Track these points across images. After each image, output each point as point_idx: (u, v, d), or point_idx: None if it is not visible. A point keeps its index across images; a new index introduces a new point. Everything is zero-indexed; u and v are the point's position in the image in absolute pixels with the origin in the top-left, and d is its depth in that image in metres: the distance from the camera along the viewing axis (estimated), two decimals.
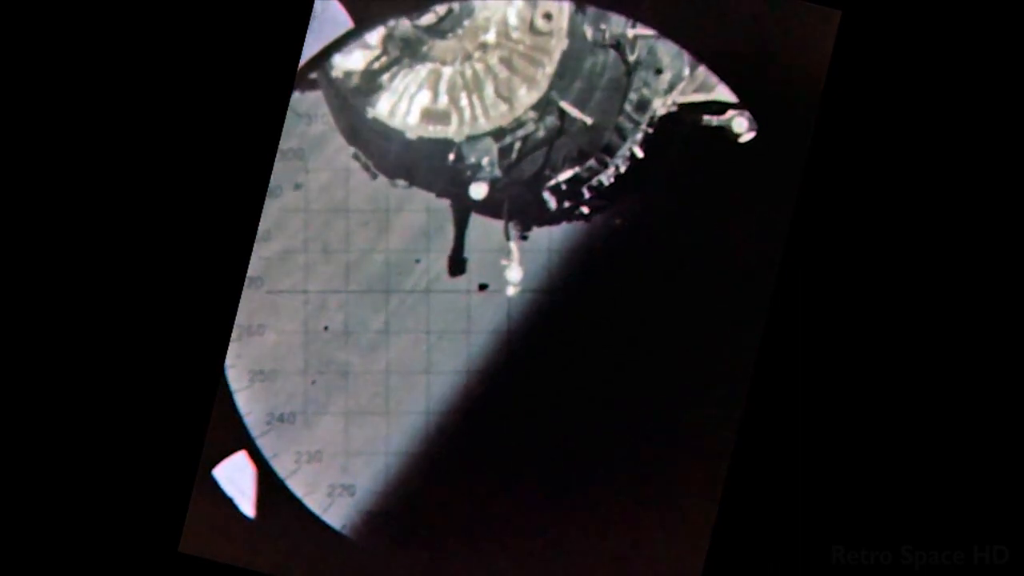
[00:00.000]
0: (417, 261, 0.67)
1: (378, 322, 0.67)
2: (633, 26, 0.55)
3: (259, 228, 0.67)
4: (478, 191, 0.56)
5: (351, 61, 0.54)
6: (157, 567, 0.67)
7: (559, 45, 0.53)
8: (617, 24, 0.55)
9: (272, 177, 0.67)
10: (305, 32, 0.67)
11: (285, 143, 0.67)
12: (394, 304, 0.67)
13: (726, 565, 0.66)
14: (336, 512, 0.67)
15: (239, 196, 0.67)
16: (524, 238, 0.65)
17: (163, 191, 0.67)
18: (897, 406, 0.66)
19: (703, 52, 0.66)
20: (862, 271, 0.66)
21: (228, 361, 0.67)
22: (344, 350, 0.67)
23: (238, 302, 0.67)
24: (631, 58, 0.55)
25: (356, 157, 0.58)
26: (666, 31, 0.66)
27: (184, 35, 0.67)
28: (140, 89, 0.67)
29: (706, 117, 0.59)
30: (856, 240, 0.66)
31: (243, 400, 0.67)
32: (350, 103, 0.55)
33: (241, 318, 0.67)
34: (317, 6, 0.67)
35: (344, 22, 0.67)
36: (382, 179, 0.61)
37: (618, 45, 0.55)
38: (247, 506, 0.67)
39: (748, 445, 0.66)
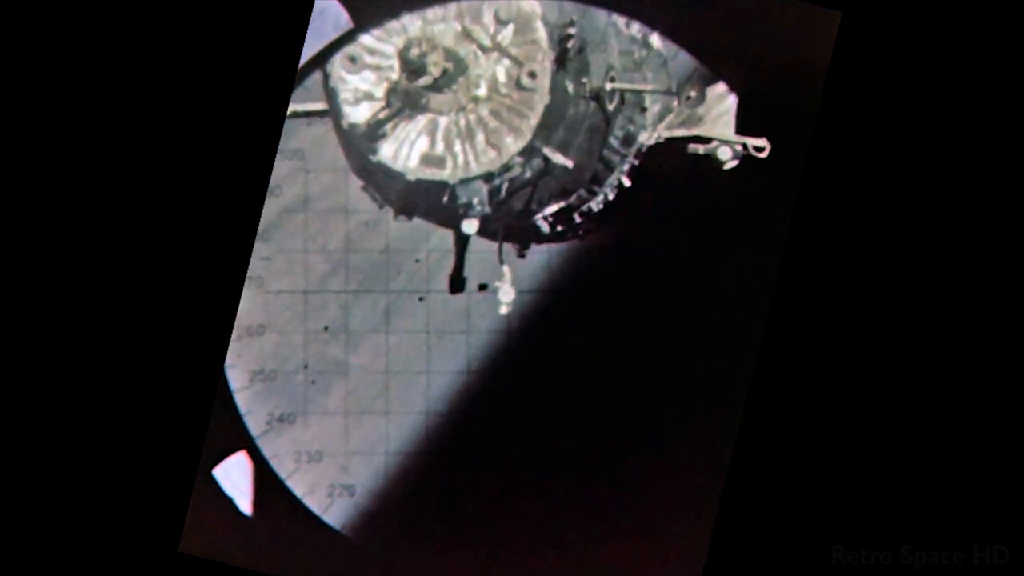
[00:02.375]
0: (417, 261, 0.67)
1: (378, 322, 0.67)
2: (612, 80, 0.61)
3: (259, 228, 0.67)
4: (470, 227, 0.62)
5: (359, 113, 0.61)
6: (157, 567, 0.67)
7: (542, 100, 0.60)
8: (596, 77, 0.61)
9: (272, 177, 0.67)
10: (305, 32, 0.67)
11: (285, 143, 0.67)
12: (394, 304, 0.67)
13: (726, 565, 0.66)
14: (336, 512, 0.67)
15: (239, 196, 0.67)
16: (522, 256, 0.66)
17: (164, 191, 0.67)
18: (897, 407, 0.66)
19: (703, 52, 0.66)
20: (860, 274, 0.66)
21: (228, 361, 0.67)
22: (344, 350, 0.67)
23: (238, 302, 0.67)
24: (610, 107, 0.61)
25: (365, 190, 0.63)
26: (666, 31, 0.66)
27: (184, 35, 0.67)
28: (140, 89, 0.67)
29: (691, 146, 0.64)
30: (854, 242, 0.66)
31: (243, 400, 0.67)
32: (358, 147, 0.61)
33: (241, 318, 0.67)
34: (317, 6, 0.67)
35: (344, 22, 0.67)
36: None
37: (597, 97, 0.61)
38: (247, 506, 0.67)
39: (748, 445, 0.66)
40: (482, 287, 0.67)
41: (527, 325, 0.67)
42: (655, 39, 0.65)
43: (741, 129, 0.66)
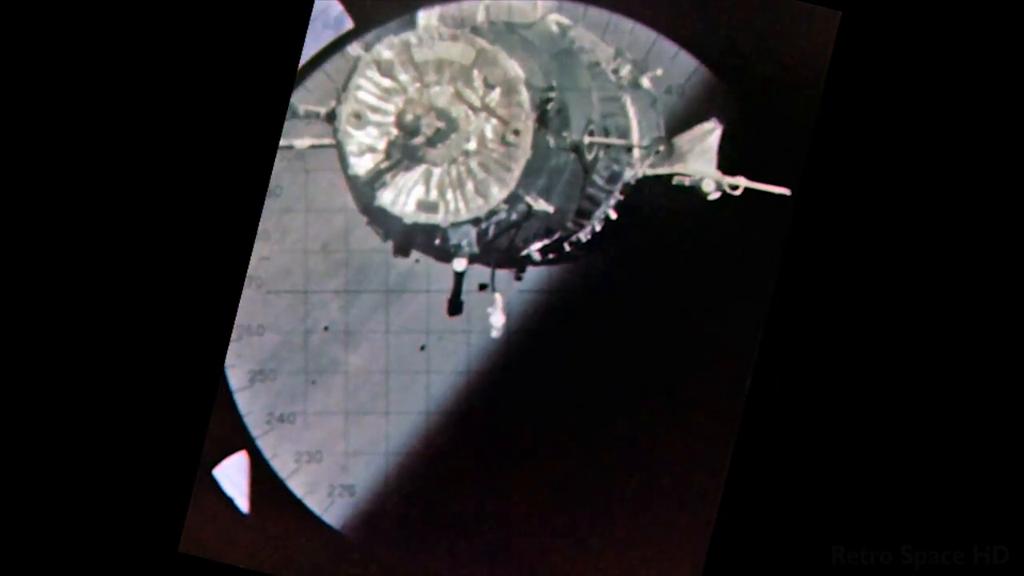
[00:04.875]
0: (417, 261, 0.67)
1: (378, 322, 0.67)
2: (591, 134, 0.67)
3: (259, 228, 0.67)
4: (459, 264, 0.68)
5: (363, 163, 0.67)
6: (157, 567, 0.67)
7: (524, 155, 0.66)
8: (576, 132, 0.67)
9: (272, 177, 0.67)
10: (305, 32, 0.67)
11: (285, 143, 0.67)
12: (394, 304, 0.67)
13: (726, 565, 0.66)
14: (336, 512, 0.67)
15: (239, 196, 0.67)
16: (519, 278, 0.67)
17: (164, 191, 0.67)
18: (897, 407, 0.66)
19: (702, 53, 0.66)
20: (859, 274, 0.66)
21: (228, 361, 0.67)
22: (344, 350, 0.67)
23: (238, 302, 0.67)
24: (588, 157, 0.67)
25: (370, 224, 0.68)
26: (665, 31, 0.66)
27: (184, 35, 0.67)
28: (140, 89, 0.67)
29: (677, 178, 0.67)
30: (852, 245, 0.66)
31: (243, 400, 0.67)
32: (362, 193, 0.67)
33: (241, 318, 0.67)
34: (317, 6, 0.67)
35: (344, 22, 0.67)
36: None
37: (577, 149, 0.67)
38: (246, 506, 0.67)
39: (748, 445, 0.66)
40: (482, 287, 0.67)
41: (527, 325, 0.67)
42: (645, 80, 0.67)
43: (740, 129, 0.66)
